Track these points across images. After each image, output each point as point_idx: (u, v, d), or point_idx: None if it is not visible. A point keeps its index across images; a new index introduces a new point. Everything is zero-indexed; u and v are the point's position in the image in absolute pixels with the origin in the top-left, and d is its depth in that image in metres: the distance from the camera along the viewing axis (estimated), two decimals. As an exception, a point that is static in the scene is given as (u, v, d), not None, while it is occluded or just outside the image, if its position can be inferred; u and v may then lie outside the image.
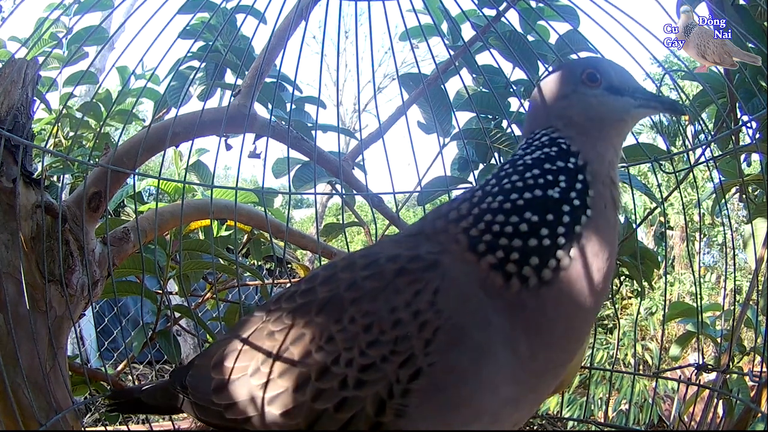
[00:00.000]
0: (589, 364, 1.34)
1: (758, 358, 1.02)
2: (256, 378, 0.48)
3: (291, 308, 0.49)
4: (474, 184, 1.33)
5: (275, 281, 1.54)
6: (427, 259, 0.45)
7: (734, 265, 0.87)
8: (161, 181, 1.32)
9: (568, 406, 3.13)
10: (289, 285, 0.73)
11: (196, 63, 1.36)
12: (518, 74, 1.35)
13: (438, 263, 0.45)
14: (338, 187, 1.30)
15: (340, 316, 0.45)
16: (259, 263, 1.86)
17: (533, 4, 1.23)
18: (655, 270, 1.32)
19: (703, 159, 1.01)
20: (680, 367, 1.21)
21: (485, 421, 0.44)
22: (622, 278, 1.34)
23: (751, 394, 1.18)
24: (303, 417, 0.45)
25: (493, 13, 1.23)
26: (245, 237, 1.52)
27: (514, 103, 1.41)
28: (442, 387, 0.42)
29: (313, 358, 0.45)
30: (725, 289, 1.85)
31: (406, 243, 0.49)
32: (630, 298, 4.62)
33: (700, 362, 1.02)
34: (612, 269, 0.46)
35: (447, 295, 0.43)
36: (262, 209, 1.24)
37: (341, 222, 1.36)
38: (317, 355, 0.45)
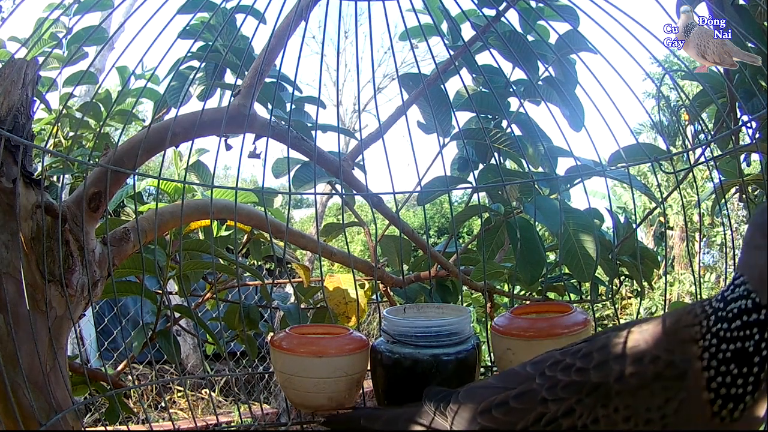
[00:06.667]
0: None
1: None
2: None
3: (565, 382, 0.60)
4: (474, 184, 1.33)
5: (275, 281, 1.54)
6: (680, 368, 0.54)
7: (734, 265, 0.87)
8: (161, 181, 1.32)
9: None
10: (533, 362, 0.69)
11: (196, 63, 1.36)
12: (518, 74, 1.35)
13: (686, 375, 0.54)
14: (338, 187, 1.30)
15: (607, 402, 0.57)
16: (259, 263, 1.86)
17: (533, 4, 1.23)
18: (655, 270, 1.33)
19: (702, 159, 1.01)
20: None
21: None
22: (622, 278, 1.34)
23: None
24: None
25: (493, 13, 1.23)
26: (245, 237, 1.52)
27: (514, 103, 1.41)
28: None
29: None
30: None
31: (662, 343, 0.57)
32: (630, 298, 4.62)
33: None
34: None
35: (687, 405, 0.54)
36: (262, 209, 1.24)
37: (341, 222, 1.35)
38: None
